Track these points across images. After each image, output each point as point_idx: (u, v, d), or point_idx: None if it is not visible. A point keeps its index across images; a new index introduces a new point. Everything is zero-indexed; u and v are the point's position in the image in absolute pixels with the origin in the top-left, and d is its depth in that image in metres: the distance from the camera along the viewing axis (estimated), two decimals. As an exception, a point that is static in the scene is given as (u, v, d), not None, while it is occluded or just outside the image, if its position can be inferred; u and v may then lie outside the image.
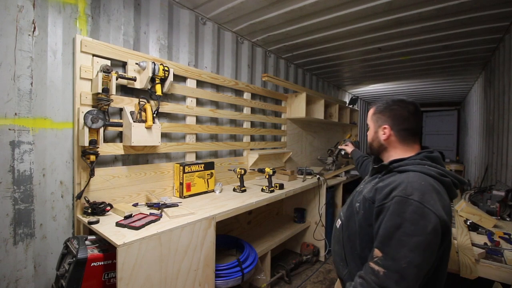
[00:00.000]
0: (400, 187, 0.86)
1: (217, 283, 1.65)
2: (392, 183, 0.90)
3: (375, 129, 1.10)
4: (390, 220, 0.82)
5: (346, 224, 1.07)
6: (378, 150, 1.11)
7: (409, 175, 0.90)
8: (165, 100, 2.00)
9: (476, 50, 3.08)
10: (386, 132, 1.05)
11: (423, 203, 0.80)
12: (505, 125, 2.75)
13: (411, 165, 0.95)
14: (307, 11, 2.25)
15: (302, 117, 3.28)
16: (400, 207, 0.82)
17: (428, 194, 0.83)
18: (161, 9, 2.00)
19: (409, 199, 0.82)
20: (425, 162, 0.95)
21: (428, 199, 0.82)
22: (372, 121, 1.12)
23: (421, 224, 0.78)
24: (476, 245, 1.60)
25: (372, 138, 1.12)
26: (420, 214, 0.79)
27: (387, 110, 1.06)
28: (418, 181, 0.86)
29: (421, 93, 5.83)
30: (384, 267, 0.78)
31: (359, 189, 1.12)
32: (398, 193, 0.85)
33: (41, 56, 1.43)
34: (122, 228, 1.33)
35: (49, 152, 1.47)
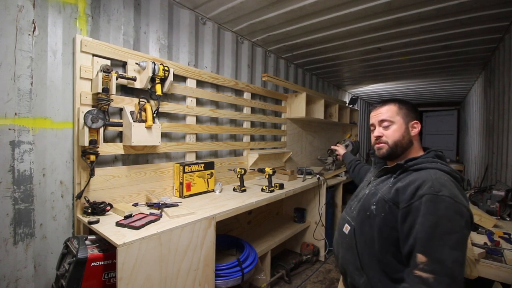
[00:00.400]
0: (425, 184, 0.85)
1: (217, 283, 1.65)
2: (414, 181, 0.88)
3: (405, 124, 1.06)
4: (427, 220, 0.79)
5: (360, 230, 1.02)
6: (406, 147, 1.06)
7: (430, 172, 0.89)
8: (165, 100, 2.00)
9: (476, 50, 3.08)
10: (417, 128, 1.06)
11: (454, 199, 0.80)
12: (505, 125, 2.75)
13: (427, 163, 0.95)
14: (307, 11, 2.26)
15: (302, 117, 3.28)
16: (433, 205, 0.80)
17: (455, 189, 0.84)
18: (161, 9, 2.00)
19: (439, 196, 0.81)
20: (437, 160, 0.96)
21: (457, 194, 0.82)
22: (399, 116, 1.07)
23: (457, 220, 0.78)
24: (476, 245, 1.60)
25: (402, 134, 1.05)
26: (454, 210, 0.79)
27: (411, 106, 1.08)
28: (443, 178, 0.86)
29: (421, 93, 5.83)
30: (433, 273, 0.75)
31: (369, 191, 1.08)
32: (426, 191, 0.83)
33: (41, 56, 1.43)
34: (122, 228, 1.33)
35: (49, 152, 1.47)
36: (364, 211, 1.02)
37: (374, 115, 1.13)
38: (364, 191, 1.14)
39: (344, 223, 1.14)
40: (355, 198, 1.19)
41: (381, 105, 1.12)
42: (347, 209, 1.20)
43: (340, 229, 1.15)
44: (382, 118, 1.09)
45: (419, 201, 0.83)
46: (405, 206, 0.86)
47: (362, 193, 1.14)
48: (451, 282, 0.73)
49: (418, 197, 0.84)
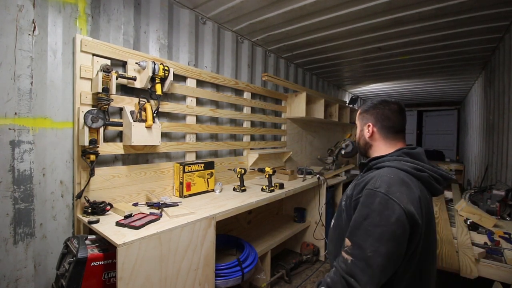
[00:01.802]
0: (371, 181, 0.90)
1: (217, 283, 1.65)
2: (367, 178, 0.95)
3: (361, 127, 1.15)
4: (359, 211, 0.87)
5: (336, 223, 1.12)
6: (364, 147, 1.15)
7: (383, 170, 0.95)
8: (165, 100, 2.00)
9: (476, 49, 3.08)
10: (370, 129, 1.10)
11: (388, 195, 0.83)
12: (505, 125, 2.75)
13: (387, 161, 0.99)
14: (307, 11, 2.25)
15: (302, 117, 3.28)
16: (368, 199, 0.86)
17: (395, 187, 0.85)
18: (161, 8, 2.00)
19: (376, 191, 0.86)
20: (402, 158, 0.99)
21: (394, 191, 0.84)
22: (358, 120, 1.17)
23: (385, 214, 0.81)
24: (476, 245, 1.60)
25: (358, 136, 1.17)
26: (384, 205, 0.82)
27: (371, 109, 1.12)
28: (388, 175, 0.90)
29: (421, 92, 5.83)
30: (352, 256, 0.82)
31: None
32: (368, 187, 0.89)
33: (41, 55, 1.43)
34: (122, 227, 1.33)
35: (49, 152, 1.47)
36: (340, 207, 1.10)
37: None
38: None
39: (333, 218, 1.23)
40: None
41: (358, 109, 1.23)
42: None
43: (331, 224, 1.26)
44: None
45: (362, 196, 0.90)
46: (354, 200, 0.94)
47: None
48: (366, 267, 0.79)
49: (363, 192, 0.91)
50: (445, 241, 1.68)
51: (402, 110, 1.08)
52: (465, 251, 1.51)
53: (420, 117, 7.88)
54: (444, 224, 1.99)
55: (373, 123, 1.10)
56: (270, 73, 3.22)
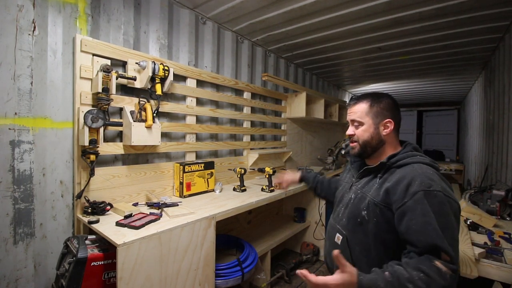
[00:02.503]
0: (415, 181, 0.85)
1: (217, 283, 1.65)
2: (402, 179, 0.88)
3: (375, 124, 1.03)
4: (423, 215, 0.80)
5: (353, 238, 0.99)
6: (376, 146, 1.04)
7: (415, 167, 0.90)
8: (165, 100, 2.00)
9: (476, 49, 3.08)
10: (390, 127, 1.02)
11: (444, 192, 0.82)
12: (505, 125, 2.75)
13: (408, 157, 0.95)
14: (307, 11, 2.25)
15: (302, 117, 3.28)
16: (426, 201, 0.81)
17: (442, 182, 0.86)
18: (161, 8, 2.00)
19: (431, 191, 0.82)
20: (417, 153, 0.96)
21: (445, 187, 0.84)
22: (369, 116, 1.03)
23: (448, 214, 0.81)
24: (476, 245, 1.60)
25: (371, 135, 1.03)
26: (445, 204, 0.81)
27: (385, 103, 1.03)
28: (428, 171, 0.87)
29: (421, 92, 5.83)
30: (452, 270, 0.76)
31: (354, 195, 1.05)
32: (418, 188, 0.83)
33: (41, 55, 1.43)
34: (122, 227, 1.33)
35: (49, 152, 1.47)
36: (354, 218, 0.99)
37: (348, 113, 1.12)
38: (348, 195, 1.10)
39: (335, 232, 1.09)
40: (340, 204, 1.14)
41: (354, 103, 1.08)
42: (334, 216, 1.16)
43: (332, 239, 1.11)
44: (352, 118, 1.07)
45: (412, 200, 0.83)
46: (400, 206, 0.85)
47: (347, 198, 1.10)
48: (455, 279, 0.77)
49: (411, 195, 0.84)
50: (445, 241, 1.68)
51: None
52: (465, 251, 1.51)
53: (420, 117, 7.88)
54: (444, 224, 1.99)
55: (392, 119, 1.02)
56: (270, 73, 3.22)
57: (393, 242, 0.89)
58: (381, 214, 0.90)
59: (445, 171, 4.48)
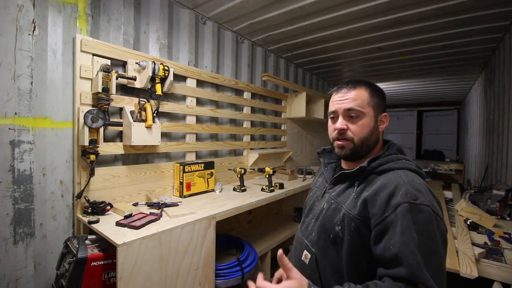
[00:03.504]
0: (399, 191, 0.70)
1: (217, 283, 1.65)
2: (383, 188, 0.73)
3: (374, 117, 0.85)
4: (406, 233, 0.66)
5: (323, 258, 0.82)
6: (372, 146, 0.86)
7: (400, 174, 0.75)
8: (165, 100, 2.00)
9: (476, 49, 3.08)
10: (385, 122, 0.87)
11: (432, 208, 0.69)
12: (505, 125, 2.75)
13: (391, 162, 0.79)
14: (307, 11, 2.25)
15: (302, 117, 3.28)
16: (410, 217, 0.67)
17: (430, 195, 0.72)
18: (161, 8, 2.00)
19: (417, 205, 0.68)
20: (401, 156, 0.81)
21: (433, 202, 0.70)
22: (371, 107, 0.84)
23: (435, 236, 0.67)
24: (476, 245, 1.61)
25: (371, 130, 0.84)
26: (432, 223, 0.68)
27: (382, 95, 0.88)
28: (415, 180, 0.73)
29: (421, 92, 5.82)
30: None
31: (327, 205, 0.86)
32: (401, 200, 0.69)
33: (41, 55, 1.43)
34: (122, 227, 1.33)
35: (49, 152, 1.47)
36: (326, 233, 0.81)
37: (339, 100, 0.86)
38: (320, 204, 0.91)
39: (302, 248, 0.89)
40: (310, 214, 0.95)
41: (350, 88, 0.86)
42: (302, 228, 0.96)
43: (298, 256, 0.90)
44: (350, 107, 0.83)
45: (394, 214, 0.68)
46: (379, 222, 0.70)
47: (318, 207, 0.91)
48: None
49: (393, 207, 0.69)
50: (445, 241, 1.68)
51: None
52: (465, 251, 1.51)
53: (420, 117, 7.88)
54: (444, 224, 1.99)
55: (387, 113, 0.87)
56: (270, 73, 3.22)
57: (368, 268, 0.73)
58: (356, 231, 0.74)
59: (445, 171, 4.48)
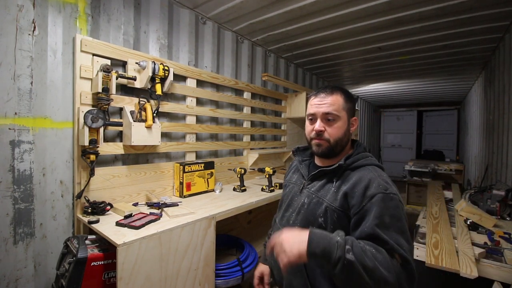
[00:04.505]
0: (373, 183, 0.84)
1: (217, 283, 1.65)
2: (359, 182, 0.86)
3: (348, 120, 0.97)
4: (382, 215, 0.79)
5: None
6: (344, 145, 0.99)
7: (370, 169, 0.90)
8: (165, 100, 2.00)
9: (476, 49, 3.08)
10: (355, 125, 1.00)
11: (398, 195, 0.84)
12: (505, 125, 2.75)
13: (361, 159, 0.94)
14: (307, 11, 2.25)
15: (302, 117, 3.28)
16: (383, 204, 0.81)
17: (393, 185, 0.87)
18: (161, 8, 2.00)
19: (388, 194, 0.82)
20: (367, 154, 0.96)
21: (396, 190, 0.85)
22: (345, 111, 0.96)
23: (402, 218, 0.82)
24: (476, 245, 1.60)
25: (344, 132, 0.96)
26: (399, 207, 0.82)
27: (354, 100, 1.01)
28: (382, 174, 0.88)
29: (421, 92, 5.83)
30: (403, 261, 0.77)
31: (308, 199, 0.96)
32: (375, 191, 0.82)
33: (41, 55, 1.43)
34: (122, 227, 1.33)
35: (49, 152, 1.47)
36: (310, 225, 0.88)
37: (318, 104, 0.96)
38: (299, 198, 1.00)
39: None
40: (290, 208, 1.03)
41: (327, 93, 0.96)
42: (283, 222, 1.03)
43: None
44: (328, 111, 0.94)
45: (370, 202, 0.81)
46: (357, 211, 0.83)
47: (298, 202, 1.00)
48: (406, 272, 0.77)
49: (369, 198, 0.82)
50: (445, 241, 1.68)
51: None
52: (465, 251, 1.51)
53: (420, 117, 7.89)
54: (444, 224, 1.99)
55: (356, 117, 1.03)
56: (270, 73, 3.22)
57: None
58: (337, 221, 0.86)
59: (445, 171, 4.48)
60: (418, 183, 4.50)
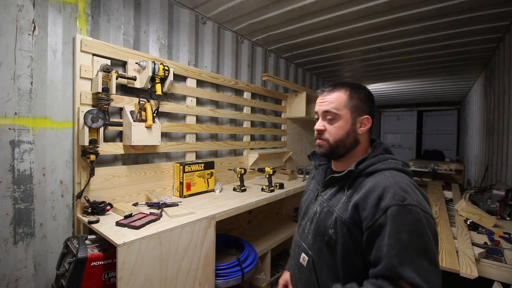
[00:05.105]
0: (387, 193, 0.72)
1: (217, 283, 1.65)
2: (372, 191, 0.74)
3: (352, 119, 0.86)
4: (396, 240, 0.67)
5: (319, 261, 0.85)
6: (349, 148, 0.88)
7: (386, 175, 0.76)
8: (165, 100, 2.00)
9: (476, 49, 3.08)
10: (367, 125, 0.87)
11: (420, 207, 0.70)
12: (505, 125, 2.75)
13: (378, 163, 0.81)
14: (307, 11, 2.25)
15: (302, 117, 3.28)
16: (399, 220, 0.68)
17: (417, 194, 0.73)
18: (161, 8, 2.00)
19: (406, 206, 0.69)
20: (387, 156, 0.83)
21: (421, 200, 0.72)
22: (348, 109, 0.86)
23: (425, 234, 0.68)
24: (476, 245, 1.61)
25: (347, 132, 0.86)
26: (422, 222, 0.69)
27: (364, 95, 0.89)
28: (401, 181, 0.74)
29: (421, 92, 5.82)
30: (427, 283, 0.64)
31: (320, 208, 0.89)
32: (390, 202, 0.70)
33: (41, 55, 1.43)
34: (122, 227, 1.33)
35: (49, 152, 1.47)
36: (321, 236, 0.83)
37: (320, 102, 0.91)
38: (314, 207, 0.94)
39: (300, 252, 0.93)
40: (305, 217, 0.98)
41: (329, 90, 0.90)
42: (299, 231, 0.99)
43: (297, 260, 0.95)
44: (326, 109, 0.87)
45: (384, 216, 0.70)
46: (370, 226, 0.72)
47: (312, 210, 0.94)
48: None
49: (382, 210, 0.70)
50: (445, 241, 1.68)
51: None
52: (465, 251, 1.51)
53: (420, 117, 7.88)
54: (444, 224, 1.99)
55: (370, 115, 0.88)
56: (270, 73, 3.22)
57: (363, 268, 0.75)
58: (349, 234, 0.76)
59: (445, 171, 4.48)
60: (418, 183, 4.47)
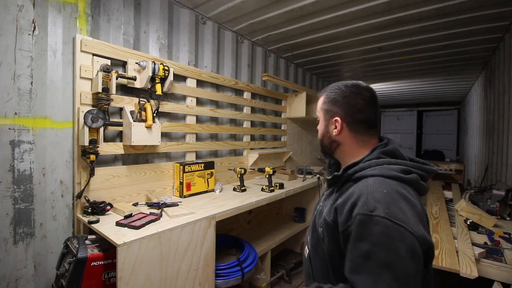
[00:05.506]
0: (359, 201, 0.68)
1: (217, 283, 1.65)
2: (350, 197, 0.72)
3: (325, 121, 0.89)
4: (355, 247, 0.65)
5: (314, 255, 0.86)
6: (330, 148, 0.90)
7: (368, 183, 0.72)
8: (165, 100, 2.00)
9: (476, 49, 3.08)
10: (338, 126, 0.85)
11: (390, 218, 0.63)
12: (505, 125, 2.75)
13: (368, 168, 0.77)
14: (307, 11, 2.25)
15: (302, 117, 3.28)
16: (364, 229, 0.64)
17: (395, 205, 0.65)
18: (161, 8, 2.00)
19: (372, 216, 0.64)
20: (383, 161, 0.77)
21: (396, 212, 0.64)
22: (321, 111, 0.91)
23: (393, 248, 0.61)
24: (476, 245, 1.61)
25: (322, 133, 0.91)
26: (389, 235, 0.61)
27: (340, 97, 0.86)
28: (380, 190, 0.69)
29: (421, 92, 5.82)
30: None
31: (319, 207, 0.93)
32: (358, 211, 0.67)
33: (41, 55, 1.43)
34: (122, 227, 1.33)
35: (49, 152, 1.47)
36: (316, 232, 0.86)
37: None
38: (319, 203, 0.97)
39: (306, 244, 0.96)
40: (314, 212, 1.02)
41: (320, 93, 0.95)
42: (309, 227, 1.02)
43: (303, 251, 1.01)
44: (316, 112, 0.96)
45: (354, 224, 0.67)
46: (343, 231, 0.71)
47: (316, 209, 0.98)
48: None
49: (353, 218, 0.68)
50: (445, 241, 1.68)
51: (375, 99, 0.85)
52: (465, 251, 1.51)
53: (420, 117, 7.88)
54: (444, 224, 1.99)
55: (342, 117, 0.84)
56: (270, 73, 3.22)
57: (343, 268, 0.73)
58: (332, 235, 0.76)
59: (445, 171, 4.48)
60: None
